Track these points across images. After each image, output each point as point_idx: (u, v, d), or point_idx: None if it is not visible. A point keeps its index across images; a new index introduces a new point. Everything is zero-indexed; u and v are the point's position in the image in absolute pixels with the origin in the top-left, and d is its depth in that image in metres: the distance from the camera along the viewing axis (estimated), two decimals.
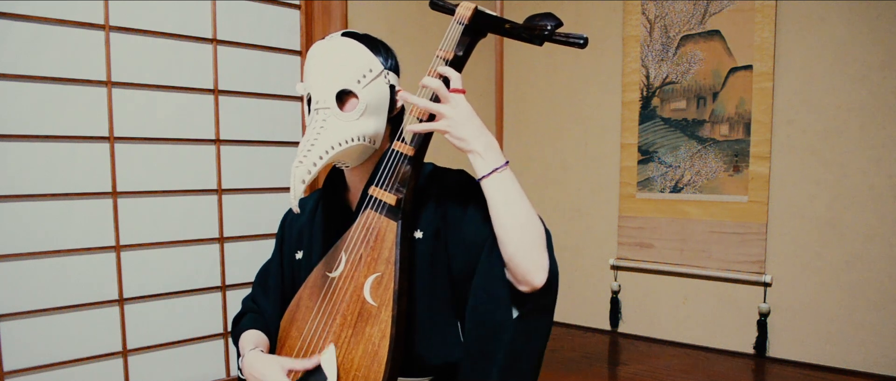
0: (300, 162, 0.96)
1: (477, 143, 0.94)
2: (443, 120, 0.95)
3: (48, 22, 1.62)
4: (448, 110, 0.94)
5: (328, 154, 0.98)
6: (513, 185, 0.95)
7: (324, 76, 1.02)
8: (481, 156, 0.94)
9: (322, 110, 1.01)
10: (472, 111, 0.96)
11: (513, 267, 0.94)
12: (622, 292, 2.60)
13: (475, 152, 0.95)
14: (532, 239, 0.94)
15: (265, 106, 2.07)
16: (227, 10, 1.95)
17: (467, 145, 0.95)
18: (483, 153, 0.94)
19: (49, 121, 1.64)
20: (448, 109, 0.94)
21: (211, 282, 1.96)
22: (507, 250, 0.94)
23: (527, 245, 0.93)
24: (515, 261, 0.93)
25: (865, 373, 2.04)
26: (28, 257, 1.62)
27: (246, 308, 1.25)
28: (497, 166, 0.94)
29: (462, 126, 0.94)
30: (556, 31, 0.95)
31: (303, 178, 0.96)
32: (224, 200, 1.98)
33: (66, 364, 1.67)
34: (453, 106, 0.95)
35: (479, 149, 0.94)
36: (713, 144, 2.32)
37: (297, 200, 0.98)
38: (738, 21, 2.24)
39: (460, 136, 0.94)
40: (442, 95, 0.96)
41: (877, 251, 2.02)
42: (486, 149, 0.94)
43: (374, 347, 0.96)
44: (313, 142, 0.98)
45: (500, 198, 0.94)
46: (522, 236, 0.93)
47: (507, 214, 0.94)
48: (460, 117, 0.94)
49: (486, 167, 0.94)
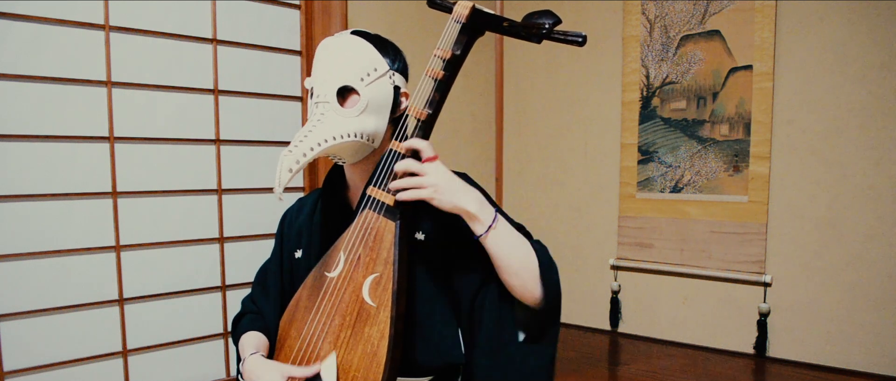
0: (290, 151, 0.96)
1: (468, 204, 0.97)
2: (425, 190, 0.97)
3: (48, 22, 1.62)
4: (429, 179, 0.96)
5: (320, 147, 0.98)
6: (507, 235, 0.99)
7: (328, 71, 1.02)
8: (476, 217, 0.97)
9: (322, 104, 1.01)
10: (450, 174, 0.99)
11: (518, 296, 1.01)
12: (622, 292, 2.60)
13: (469, 214, 0.97)
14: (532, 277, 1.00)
15: (265, 106, 2.07)
16: (227, 10, 1.95)
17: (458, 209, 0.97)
18: (477, 214, 0.97)
19: (49, 121, 1.64)
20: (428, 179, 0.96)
21: (211, 282, 1.96)
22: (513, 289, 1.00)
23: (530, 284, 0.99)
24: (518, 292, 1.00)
25: (865, 373, 2.04)
26: (28, 257, 1.62)
27: (245, 309, 1.25)
28: (490, 224, 0.97)
29: (447, 191, 0.97)
30: (554, 28, 0.95)
31: (290, 167, 0.96)
32: (224, 200, 1.98)
33: (66, 364, 1.68)
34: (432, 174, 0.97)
35: (472, 210, 0.97)
36: (713, 144, 2.32)
37: (281, 187, 0.98)
38: (738, 21, 2.24)
39: (449, 201, 0.97)
40: (416, 168, 0.97)
41: (877, 251, 2.01)
42: (478, 209, 0.97)
43: (372, 347, 0.96)
44: (307, 133, 0.98)
45: (499, 252, 0.98)
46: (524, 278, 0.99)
47: (508, 264, 0.99)
48: (442, 184, 0.97)
49: (481, 227, 0.97)
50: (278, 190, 0.98)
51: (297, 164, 0.96)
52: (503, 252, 0.98)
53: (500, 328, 1.03)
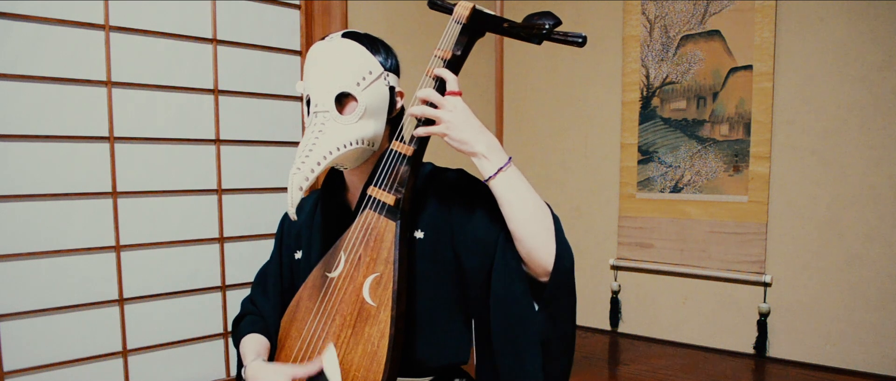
0: (298, 169, 0.96)
1: (478, 145, 0.95)
2: (441, 124, 0.95)
3: (48, 22, 1.62)
4: (445, 114, 0.95)
5: (326, 160, 0.98)
6: (519, 180, 0.96)
7: (323, 78, 1.01)
8: (485, 157, 0.95)
9: (321, 114, 1.00)
10: (469, 113, 0.96)
11: (530, 260, 0.96)
12: (622, 292, 2.60)
13: (478, 154, 0.95)
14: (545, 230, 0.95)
15: (265, 106, 2.07)
16: (227, 10, 1.95)
17: (469, 148, 0.95)
18: (487, 154, 0.95)
19: (49, 121, 1.64)
20: (445, 113, 0.95)
21: (211, 282, 1.96)
22: (523, 245, 0.95)
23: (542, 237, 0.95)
24: (532, 254, 0.95)
25: (865, 373, 2.04)
26: (28, 257, 1.62)
27: (245, 310, 1.25)
28: (501, 165, 0.95)
29: (461, 129, 0.95)
30: (554, 29, 0.95)
31: (300, 184, 0.96)
32: (224, 200, 1.98)
33: (66, 364, 1.68)
34: (450, 109, 0.95)
35: (481, 150, 0.95)
36: (713, 144, 2.32)
37: (294, 207, 0.98)
38: (738, 21, 2.24)
39: (460, 139, 0.95)
40: (436, 100, 0.96)
41: (877, 251, 2.02)
42: (488, 150, 0.95)
43: (373, 347, 0.96)
44: (311, 147, 0.98)
45: (510, 196, 0.95)
46: (536, 229, 0.95)
47: (519, 210, 0.95)
48: (458, 120, 0.95)
49: (491, 168, 0.95)
50: (291, 210, 0.98)
51: (306, 180, 0.96)
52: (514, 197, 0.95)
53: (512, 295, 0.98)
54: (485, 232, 1.01)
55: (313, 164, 0.97)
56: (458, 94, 0.97)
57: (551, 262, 0.95)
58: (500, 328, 0.99)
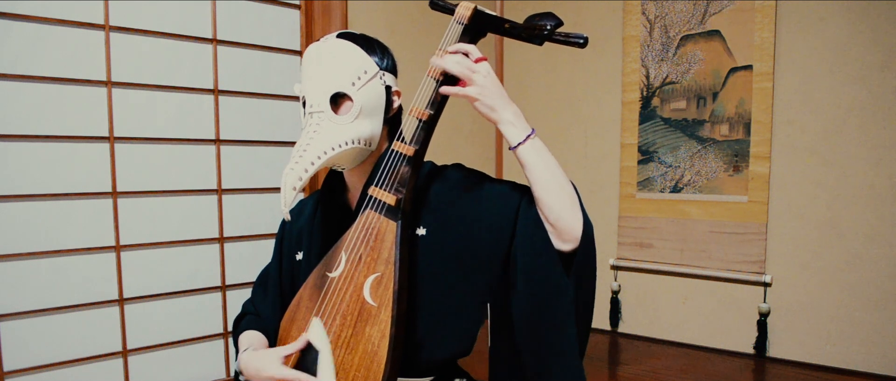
0: (291, 169, 0.96)
1: (507, 112, 0.97)
2: (473, 87, 0.96)
3: (48, 22, 1.62)
4: (479, 78, 0.96)
5: (320, 159, 0.97)
6: (544, 149, 0.98)
7: (318, 79, 1.01)
8: (513, 124, 0.97)
9: (316, 114, 1.00)
10: (498, 81, 0.98)
11: (559, 224, 0.96)
12: (622, 292, 2.60)
13: (506, 121, 0.97)
14: (571, 196, 0.98)
15: (265, 106, 2.07)
16: (227, 10, 1.95)
17: (497, 115, 0.97)
18: (514, 122, 0.97)
19: (49, 121, 1.64)
20: (479, 76, 0.96)
21: (211, 282, 1.96)
22: (552, 210, 0.96)
23: (568, 203, 0.97)
24: (562, 218, 0.96)
25: (865, 373, 2.04)
26: (28, 257, 1.62)
27: (246, 310, 1.25)
28: (529, 133, 0.97)
29: (492, 95, 0.96)
30: (555, 30, 0.95)
31: (293, 184, 0.95)
32: (224, 200, 1.98)
33: (66, 364, 1.68)
34: (483, 74, 0.96)
35: (509, 118, 0.97)
36: (713, 144, 2.32)
37: (288, 208, 0.98)
38: (738, 21, 2.24)
39: (491, 104, 0.96)
40: (468, 64, 0.96)
41: (877, 251, 2.02)
42: (516, 117, 0.97)
43: (373, 347, 0.96)
44: (306, 147, 0.98)
45: (538, 162, 0.97)
46: (562, 196, 0.96)
47: (547, 175, 0.96)
48: (490, 85, 0.96)
49: (519, 135, 0.97)
50: (285, 211, 0.98)
51: (300, 180, 0.96)
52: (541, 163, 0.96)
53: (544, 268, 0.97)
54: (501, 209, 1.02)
55: (307, 164, 0.96)
56: (485, 59, 0.98)
57: (580, 227, 0.96)
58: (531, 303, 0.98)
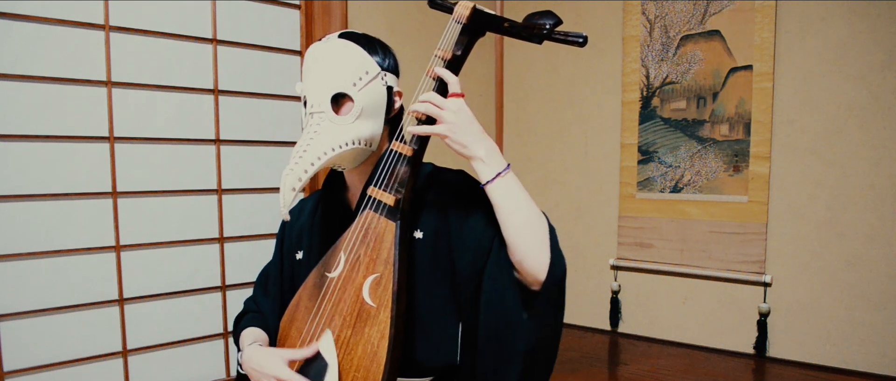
0: (291, 169, 0.95)
1: (478, 148, 0.94)
2: (443, 124, 0.95)
3: (48, 22, 1.62)
4: (448, 116, 0.94)
5: (320, 160, 0.97)
6: (516, 187, 0.96)
7: (319, 79, 1.01)
8: (484, 161, 0.94)
9: (317, 114, 1.00)
10: (471, 116, 0.96)
11: (521, 268, 0.95)
12: (622, 292, 2.60)
13: (477, 158, 0.95)
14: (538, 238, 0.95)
15: (265, 106, 2.07)
16: (227, 10, 1.95)
17: (468, 151, 0.95)
18: (485, 159, 0.94)
19: (49, 121, 1.64)
20: (448, 113, 0.94)
21: (211, 282, 1.96)
22: (516, 252, 0.95)
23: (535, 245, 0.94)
24: (525, 263, 0.94)
25: (865, 373, 2.04)
26: (28, 257, 1.62)
27: (247, 308, 1.25)
28: (499, 171, 0.95)
29: (463, 132, 0.94)
30: (555, 29, 0.95)
31: (293, 185, 0.95)
32: (224, 200, 1.98)
33: (66, 364, 1.68)
34: (454, 111, 0.94)
35: (480, 154, 0.94)
36: (713, 144, 2.32)
37: (287, 208, 0.97)
38: (738, 21, 2.24)
39: (461, 141, 0.94)
40: (439, 102, 0.95)
41: (877, 251, 2.02)
42: (487, 154, 0.95)
43: (373, 347, 0.96)
44: (306, 147, 0.97)
45: (505, 203, 0.95)
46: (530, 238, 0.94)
47: (514, 217, 0.95)
48: (460, 122, 0.94)
49: (489, 172, 0.95)
50: (284, 212, 0.97)
51: (299, 181, 0.95)
52: (510, 203, 0.94)
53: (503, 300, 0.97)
54: (480, 235, 1.01)
55: (307, 164, 0.96)
56: (461, 95, 0.97)
57: (544, 272, 0.94)
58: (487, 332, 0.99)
